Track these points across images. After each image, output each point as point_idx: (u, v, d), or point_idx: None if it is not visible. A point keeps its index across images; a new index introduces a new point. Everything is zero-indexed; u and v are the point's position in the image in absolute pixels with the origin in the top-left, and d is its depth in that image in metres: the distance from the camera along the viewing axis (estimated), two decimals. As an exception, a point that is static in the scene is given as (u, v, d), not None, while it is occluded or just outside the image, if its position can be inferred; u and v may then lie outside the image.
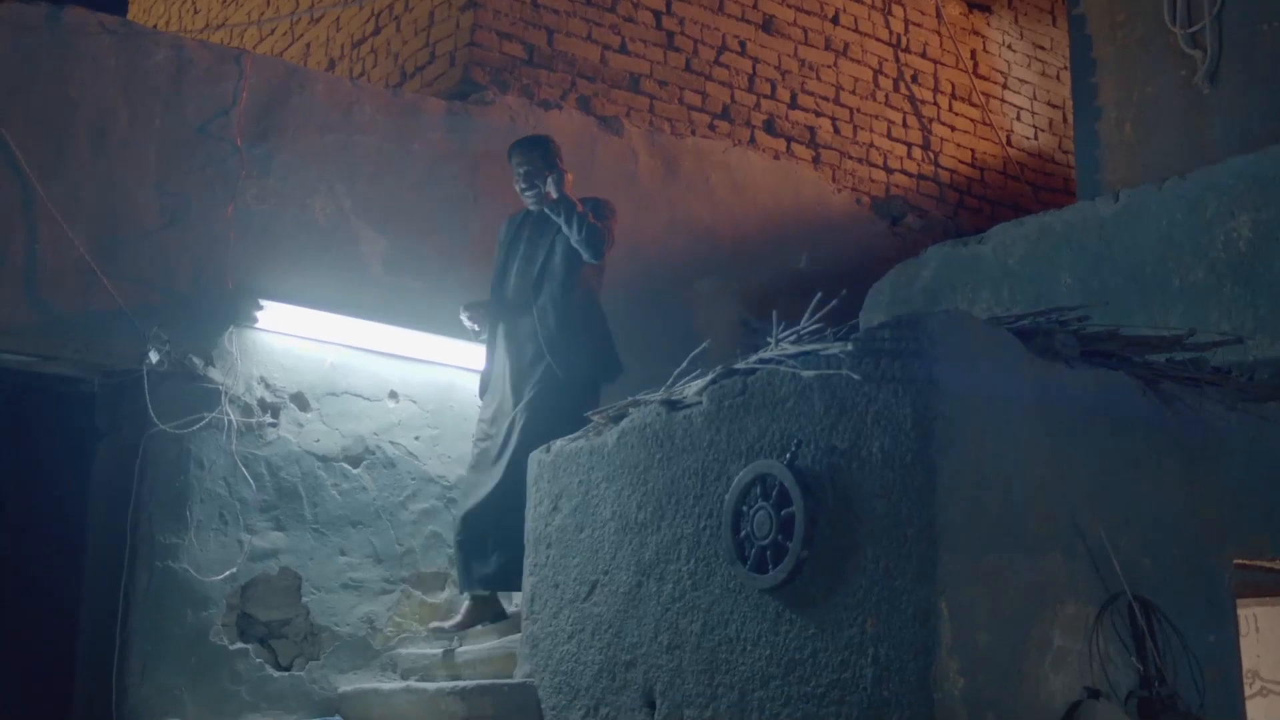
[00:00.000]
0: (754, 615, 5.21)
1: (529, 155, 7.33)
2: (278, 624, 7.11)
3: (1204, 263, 6.17)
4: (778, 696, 5.07)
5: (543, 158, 7.32)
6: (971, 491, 4.74)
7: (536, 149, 7.36)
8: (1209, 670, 5.26)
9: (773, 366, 5.34)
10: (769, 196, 9.55)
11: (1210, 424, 5.52)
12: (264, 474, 7.08)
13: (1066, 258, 6.64)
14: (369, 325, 7.43)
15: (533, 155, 7.33)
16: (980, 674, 4.63)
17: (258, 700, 6.89)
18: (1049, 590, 4.89)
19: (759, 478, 5.25)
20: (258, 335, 7.18)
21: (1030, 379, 5.00)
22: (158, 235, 7.00)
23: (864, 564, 4.83)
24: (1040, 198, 10.97)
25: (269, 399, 7.17)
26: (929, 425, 4.73)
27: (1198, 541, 5.41)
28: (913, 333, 4.85)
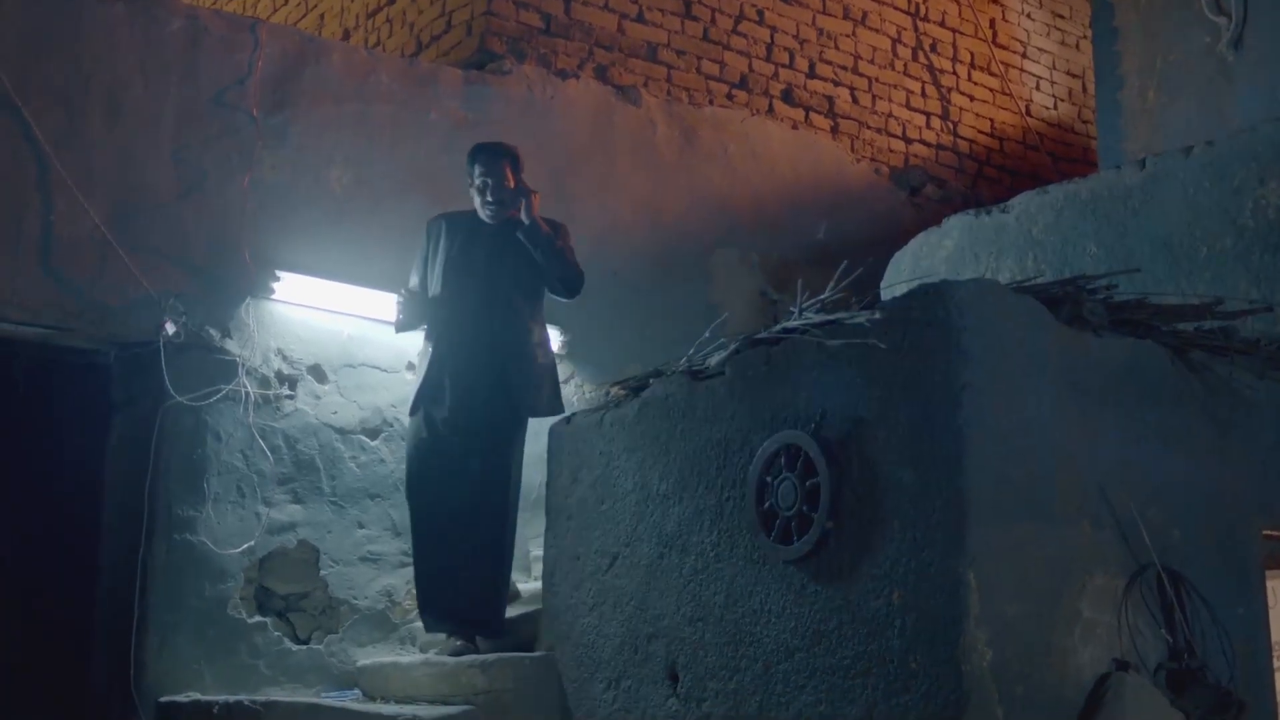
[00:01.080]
0: (778, 587, 5.16)
1: (493, 165, 6.69)
2: (296, 597, 7.07)
3: (1232, 230, 6.09)
4: (802, 669, 5.02)
5: (510, 170, 6.71)
6: (1000, 461, 4.69)
7: (503, 159, 6.72)
8: (1238, 643, 5.21)
9: (797, 336, 5.28)
10: (787, 167, 9.47)
11: (1239, 393, 5.46)
12: (281, 446, 7.04)
13: (1092, 226, 6.57)
14: (386, 296, 7.35)
15: (497, 166, 6.69)
16: (1009, 646, 4.58)
17: (276, 674, 6.86)
18: (1077, 561, 4.84)
19: (783, 448, 5.20)
20: (274, 307, 7.13)
21: (1058, 348, 4.94)
22: (173, 206, 6.95)
23: (891, 535, 4.78)
24: (1059, 168, 10.87)
25: (286, 371, 7.13)
26: (957, 394, 4.67)
27: (1226, 512, 5.36)
28: (940, 301, 4.79)
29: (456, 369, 6.55)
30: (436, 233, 6.78)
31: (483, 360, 6.55)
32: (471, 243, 6.66)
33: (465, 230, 6.71)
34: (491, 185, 6.65)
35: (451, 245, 6.68)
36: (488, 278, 6.60)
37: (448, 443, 6.54)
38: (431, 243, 6.78)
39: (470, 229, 6.71)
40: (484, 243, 6.66)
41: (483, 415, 6.55)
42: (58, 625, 7.28)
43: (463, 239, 6.68)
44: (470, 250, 6.65)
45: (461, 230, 6.71)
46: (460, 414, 6.53)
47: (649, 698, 5.64)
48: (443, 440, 6.56)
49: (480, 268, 6.62)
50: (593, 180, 8.50)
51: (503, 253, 6.61)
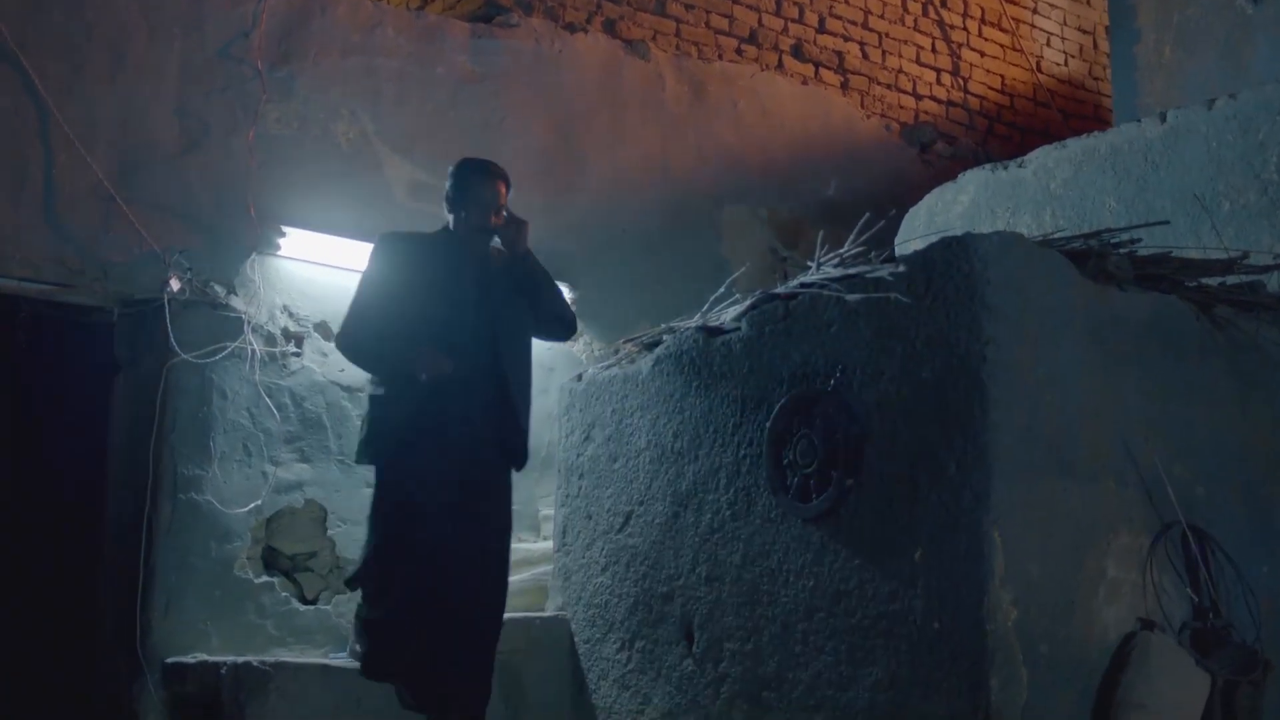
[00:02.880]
0: (797, 546, 5.10)
1: (505, 185, 5.66)
2: (303, 557, 6.98)
3: (1256, 184, 6.00)
4: (822, 629, 4.96)
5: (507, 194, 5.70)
6: (1025, 417, 4.61)
7: (508, 181, 5.70)
8: (1263, 601, 5.15)
9: (815, 291, 5.20)
10: (797, 122, 9.35)
11: (1264, 350, 5.39)
12: (288, 404, 6.94)
13: (1111, 181, 6.48)
14: (394, 253, 7.26)
15: (506, 187, 5.67)
16: (1034, 605, 4.52)
17: (284, 634, 6.78)
18: (1102, 519, 4.78)
19: (802, 404, 5.13)
20: (280, 263, 7.02)
21: (1083, 302, 4.86)
22: (178, 160, 6.83)
23: (913, 492, 4.71)
24: (1070, 125, 10.75)
25: (292, 328, 7.02)
26: (981, 349, 4.59)
27: (1251, 470, 5.30)
28: (964, 254, 4.70)
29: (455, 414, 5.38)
30: (402, 254, 5.57)
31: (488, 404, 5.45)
32: (458, 270, 5.53)
33: (443, 254, 5.57)
34: (500, 209, 5.58)
35: (431, 271, 5.50)
36: (486, 310, 5.51)
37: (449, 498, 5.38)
38: (395, 265, 5.55)
39: (450, 253, 5.58)
40: (472, 271, 5.56)
41: (487, 469, 5.51)
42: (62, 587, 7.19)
43: (444, 264, 5.53)
44: (459, 278, 5.52)
45: (438, 254, 5.57)
46: (465, 468, 5.41)
47: (664, 658, 5.58)
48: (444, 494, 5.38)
49: (472, 298, 5.51)
50: (601, 135, 8.39)
51: (493, 282, 5.56)
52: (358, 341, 5.53)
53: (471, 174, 5.67)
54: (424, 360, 5.27)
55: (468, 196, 5.59)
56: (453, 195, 5.64)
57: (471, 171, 5.68)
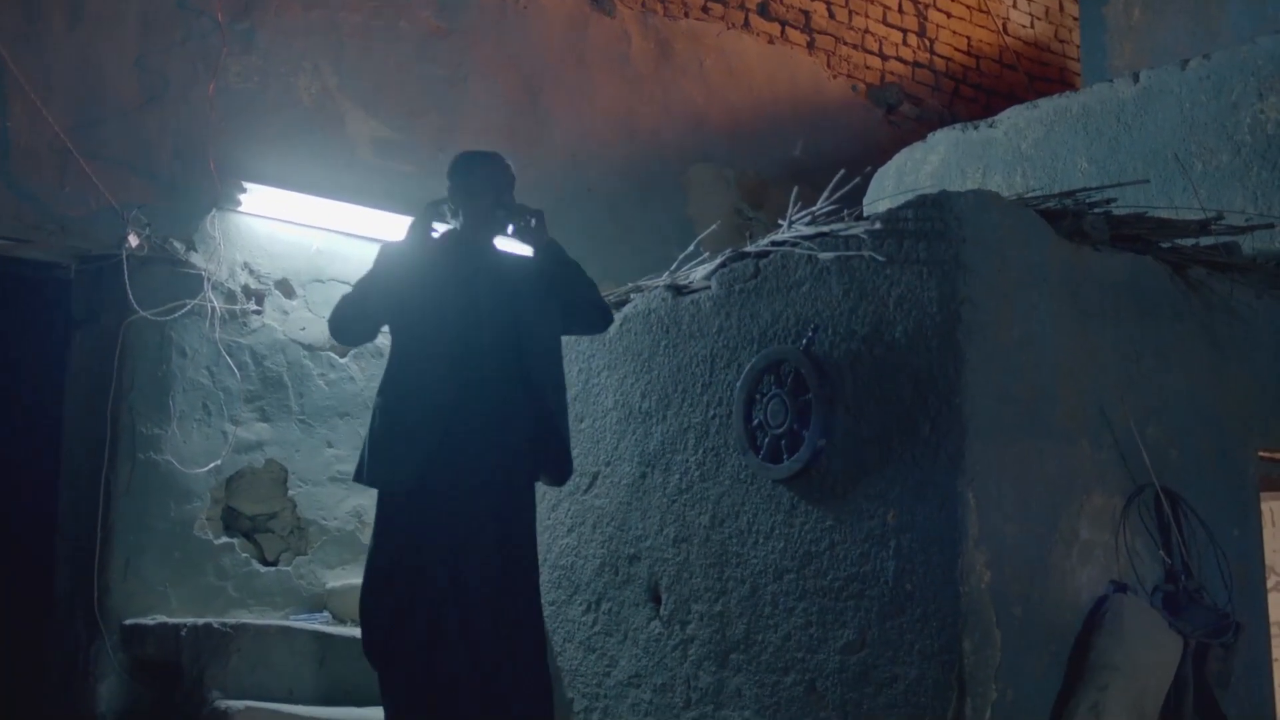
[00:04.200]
0: (767, 507, 5.04)
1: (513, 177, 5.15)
2: (264, 518, 6.92)
3: (1229, 146, 5.95)
4: (792, 590, 4.90)
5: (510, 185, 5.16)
6: (999, 377, 4.56)
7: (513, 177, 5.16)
8: (1234, 564, 5.12)
9: (787, 249, 5.12)
10: (764, 82, 9.29)
11: (1238, 312, 5.35)
12: (248, 363, 6.86)
13: (1083, 141, 6.42)
14: (356, 209, 7.19)
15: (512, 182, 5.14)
16: (1008, 567, 4.48)
17: (244, 596, 6.71)
18: (1076, 480, 4.73)
19: (773, 364, 5.06)
20: (241, 219, 6.92)
21: (1058, 262, 4.81)
22: (136, 114, 6.72)
23: (886, 453, 4.65)
24: (1035, 87, 10.70)
25: (253, 285, 6.93)
26: (956, 308, 4.53)
27: (1224, 432, 5.26)
28: (939, 213, 4.64)
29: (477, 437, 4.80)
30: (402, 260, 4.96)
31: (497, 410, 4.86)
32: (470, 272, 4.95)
33: (453, 257, 4.97)
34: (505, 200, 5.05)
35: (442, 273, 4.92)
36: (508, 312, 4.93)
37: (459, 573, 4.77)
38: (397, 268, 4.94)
39: (461, 256, 4.99)
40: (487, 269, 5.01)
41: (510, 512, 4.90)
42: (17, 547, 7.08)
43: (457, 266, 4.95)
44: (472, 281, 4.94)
45: (449, 257, 4.97)
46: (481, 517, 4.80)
47: (630, 620, 5.52)
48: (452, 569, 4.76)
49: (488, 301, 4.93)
50: (567, 92, 8.30)
51: (511, 280, 5.00)
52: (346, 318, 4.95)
53: (477, 163, 5.10)
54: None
55: (480, 186, 5.01)
56: (462, 188, 5.03)
57: (469, 163, 5.12)
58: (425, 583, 4.72)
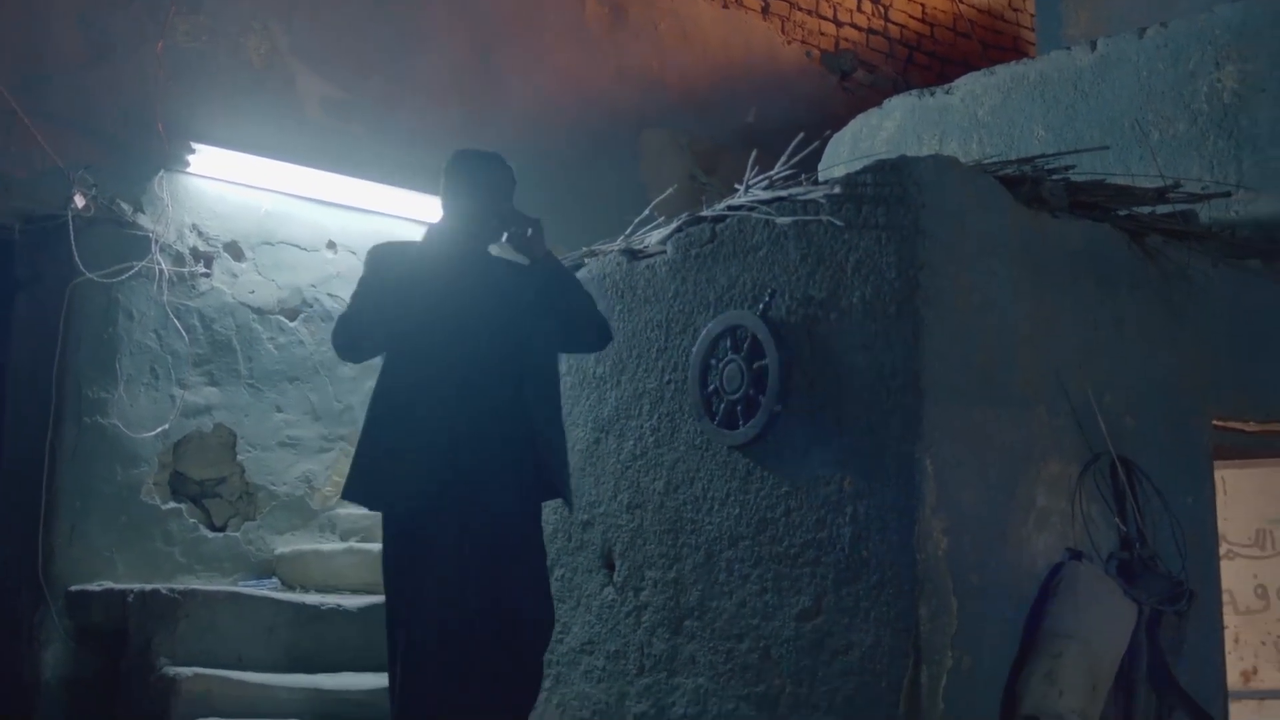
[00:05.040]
0: (722, 473, 5.00)
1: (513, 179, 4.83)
2: (212, 483, 6.85)
3: (1186, 114, 5.95)
4: (747, 557, 4.88)
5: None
6: (957, 344, 4.54)
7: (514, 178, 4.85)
8: (1188, 532, 5.13)
9: (744, 213, 5.08)
10: (718, 47, 9.24)
11: (1194, 281, 5.35)
12: (196, 326, 6.76)
13: (1040, 108, 6.40)
14: (306, 172, 7.10)
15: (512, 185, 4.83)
16: (965, 534, 4.46)
17: (191, 562, 6.64)
18: (1033, 448, 4.72)
19: (729, 329, 5.02)
20: (189, 180, 6.82)
21: (1017, 229, 4.79)
22: (82, 73, 6.60)
23: (843, 419, 4.62)
24: (989, 56, 10.69)
25: (202, 248, 6.83)
26: (914, 274, 4.50)
27: (1179, 401, 5.27)
28: (898, 178, 4.60)
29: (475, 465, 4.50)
30: (395, 264, 4.64)
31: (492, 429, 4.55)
32: (463, 280, 4.63)
33: (444, 263, 4.64)
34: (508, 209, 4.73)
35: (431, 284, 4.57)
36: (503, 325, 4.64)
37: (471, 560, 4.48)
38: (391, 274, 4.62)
39: (452, 261, 4.65)
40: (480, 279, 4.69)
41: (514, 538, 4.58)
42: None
43: (445, 275, 4.61)
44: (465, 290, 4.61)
45: (442, 262, 4.63)
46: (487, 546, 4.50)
47: (583, 586, 5.48)
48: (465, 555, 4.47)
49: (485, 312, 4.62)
50: (520, 55, 8.23)
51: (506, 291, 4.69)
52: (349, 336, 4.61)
53: (469, 166, 4.74)
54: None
55: (475, 187, 4.68)
56: (449, 192, 4.71)
57: (468, 163, 4.75)
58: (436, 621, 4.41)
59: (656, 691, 5.11)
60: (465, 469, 4.46)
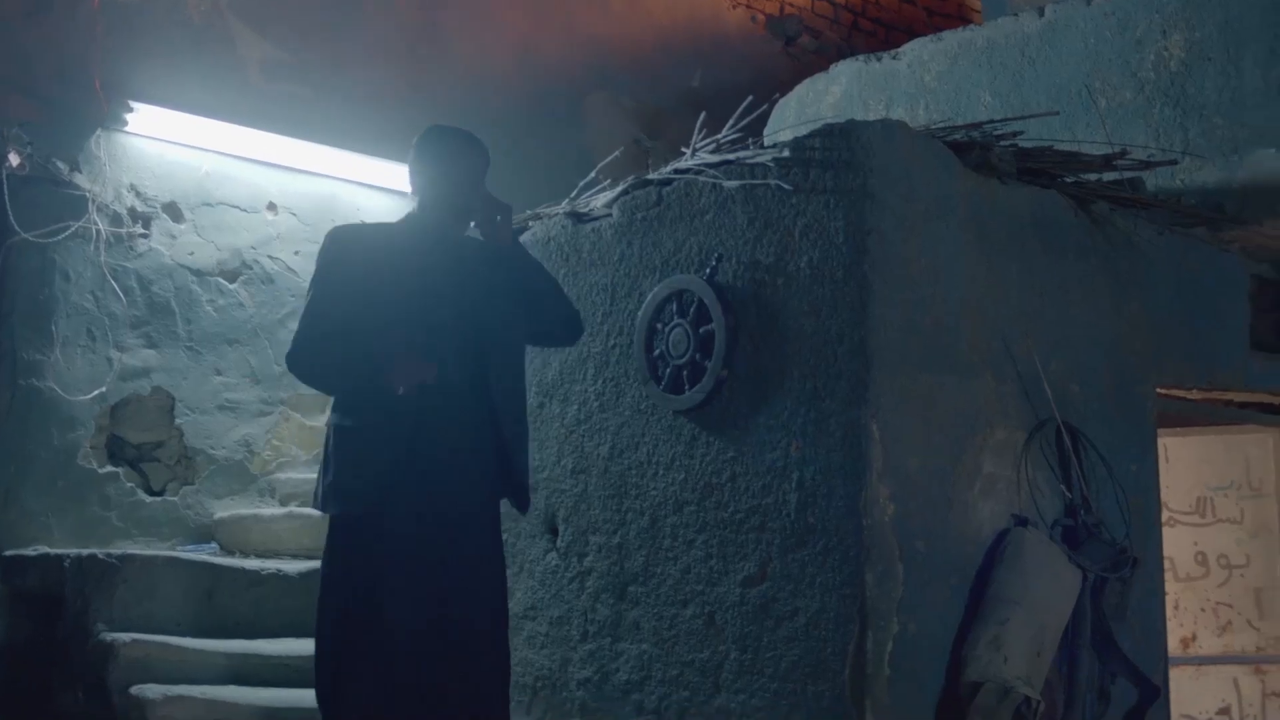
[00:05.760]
0: (667, 438, 4.97)
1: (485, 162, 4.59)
2: (150, 446, 6.76)
3: (1133, 83, 5.94)
4: (692, 522, 4.85)
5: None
6: (905, 309, 4.52)
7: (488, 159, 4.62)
8: (1132, 500, 5.14)
9: (691, 177, 5.04)
10: (663, 10, 9.18)
11: (1139, 249, 5.36)
12: (134, 288, 6.66)
13: (986, 75, 6.38)
14: (247, 132, 7.00)
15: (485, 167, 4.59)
16: (911, 500, 4.45)
17: (129, 526, 6.56)
18: (980, 414, 4.72)
19: (675, 293, 4.99)
20: (128, 140, 6.72)
21: (965, 194, 4.78)
22: (17, 28, 6.48)
23: (789, 384, 4.60)
24: (934, 23, 10.67)
25: (140, 208, 6.73)
26: (862, 239, 4.48)
27: (1124, 368, 5.28)
28: (846, 142, 4.58)
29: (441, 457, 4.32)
30: (356, 252, 4.44)
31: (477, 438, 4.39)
32: (428, 266, 4.41)
33: (408, 247, 4.45)
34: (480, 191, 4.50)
35: (395, 270, 4.37)
36: (469, 315, 4.41)
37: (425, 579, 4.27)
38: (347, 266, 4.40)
39: (418, 245, 4.45)
40: (447, 266, 4.45)
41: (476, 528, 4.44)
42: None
43: (410, 260, 4.40)
44: (431, 276, 4.40)
45: (402, 248, 4.45)
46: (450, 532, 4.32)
47: (526, 552, 5.45)
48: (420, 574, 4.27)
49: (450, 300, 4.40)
50: (465, 18, 8.14)
51: (473, 280, 4.45)
52: (311, 357, 4.38)
53: (441, 145, 4.52)
54: (400, 368, 4.15)
55: (442, 170, 4.46)
56: (422, 169, 4.50)
57: (441, 142, 4.53)
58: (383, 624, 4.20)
59: (600, 657, 5.09)
60: (424, 468, 4.26)
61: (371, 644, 4.20)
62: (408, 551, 4.23)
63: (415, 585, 4.22)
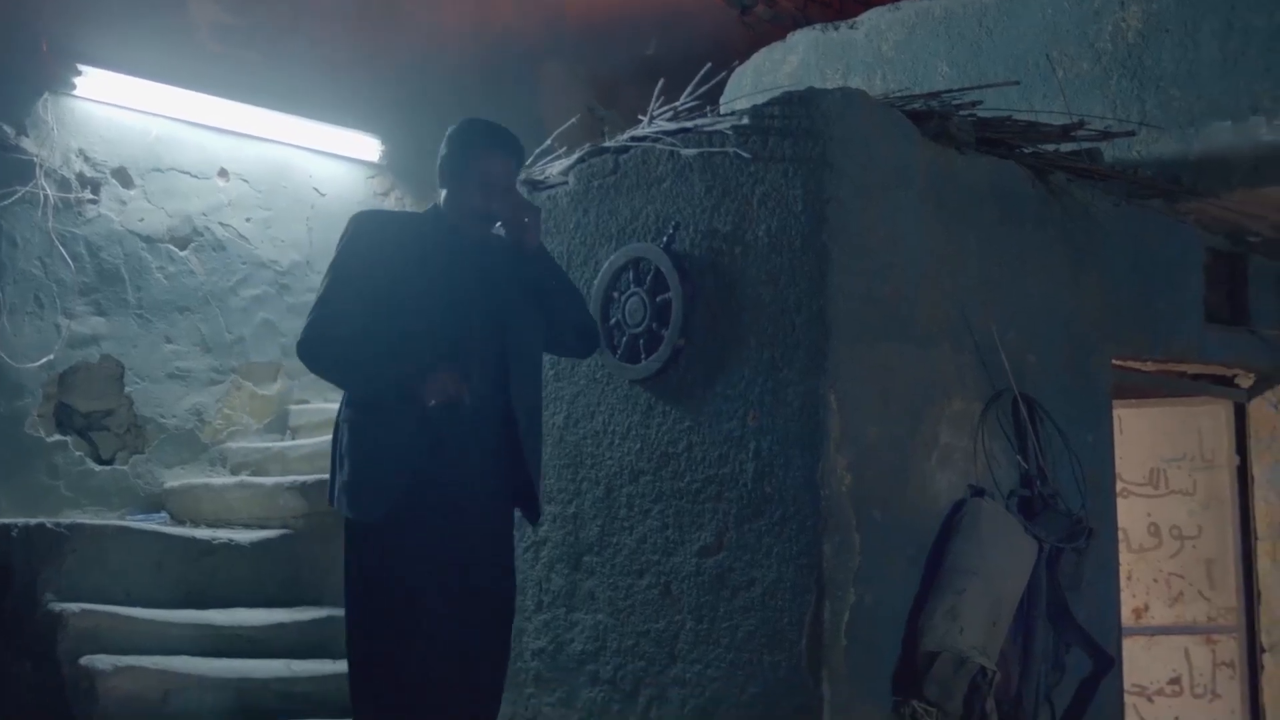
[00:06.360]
0: (623, 407, 4.95)
1: (519, 160, 4.40)
2: (99, 415, 6.67)
3: (1090, 53, 5.93)
4: (648, 492, 4.83)
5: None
6: (864, 278, 4.51)
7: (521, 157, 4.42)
8: (1087, 470, 5.16)
9: (648, 144, 5.00)
10: (618, -23, 9.14)
11: (1096, 220, 5.37)
12: (83, 254, 6.57)
13: (944, 45, 6.36)
14: (198, 97, 6.91)
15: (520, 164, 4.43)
16: (869, 470, 4.45)
17: (78, 495, 6.47)
18: (938, 384, 4.72)
19: (632, 262, 4.96)
20: (76, 103, 6.61)
21: (924, 164, 4.76)
22: (-38, -10, 6.39)
23: (747, 354, 4.58)
24: (891, -7, 10.64)
25: (89, 173, 6.63)
26: (821, 208, 4.46)
27: (1080, 340, 5.29)
28: (806, 110, 4.55)
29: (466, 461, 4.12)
30: (382, 240, 4.20)
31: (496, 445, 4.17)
32: (455, 263, 4.19)
33: (435, 242, 4.21)
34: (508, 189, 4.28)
35: (421, 263, 4.15)
36: (493, 316, 4.20)
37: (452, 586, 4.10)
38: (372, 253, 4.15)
39: (444, 241, 4.21)
40: (473, 265, 4.22)
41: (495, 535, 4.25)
42: None
43: (436, 255, 4.18)
44: (457, 274, 4.18)
45: (429, 242, 4.21)
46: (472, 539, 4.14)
47: (481, 522, 5.41)
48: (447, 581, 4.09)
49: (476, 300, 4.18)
50: (419, -20, 8.08)
51: (499, 281, 4.24)
52: (327, 350, 4.12)
53: (475, 140, 4.27)
54: (435, 384, 3.95)
55: (468, 169, 4.21)
56: (448, 166, 4.27)
57: (475, 137, 4.28)
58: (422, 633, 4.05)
59: (555, 627, 5.06)
60: (447, 479, 4.06)
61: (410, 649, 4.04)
62: (437, 562, 4.06)
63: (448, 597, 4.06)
